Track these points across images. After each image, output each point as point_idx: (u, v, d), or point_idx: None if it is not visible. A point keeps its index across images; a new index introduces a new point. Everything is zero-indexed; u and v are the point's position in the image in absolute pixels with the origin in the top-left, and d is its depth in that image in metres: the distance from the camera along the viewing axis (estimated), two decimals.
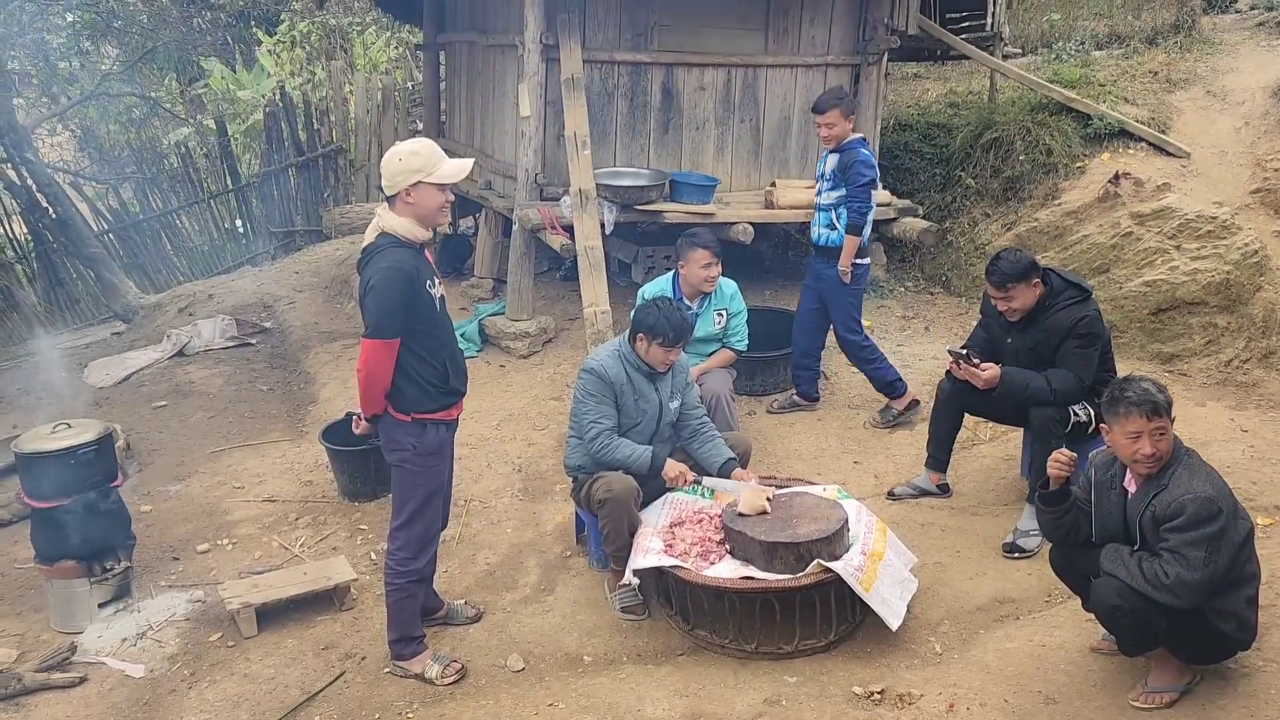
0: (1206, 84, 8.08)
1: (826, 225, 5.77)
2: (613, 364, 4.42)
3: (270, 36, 14.92)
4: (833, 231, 5.73)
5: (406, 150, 3.65)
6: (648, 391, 4.48)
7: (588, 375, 4.42)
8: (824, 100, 5.67)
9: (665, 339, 4.34)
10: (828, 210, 5.77)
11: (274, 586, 4.43)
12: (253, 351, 7.62)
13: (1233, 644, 3.47)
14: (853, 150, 5.66)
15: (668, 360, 4.44)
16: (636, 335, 4.42)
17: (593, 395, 4.39)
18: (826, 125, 5.63)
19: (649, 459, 4.31)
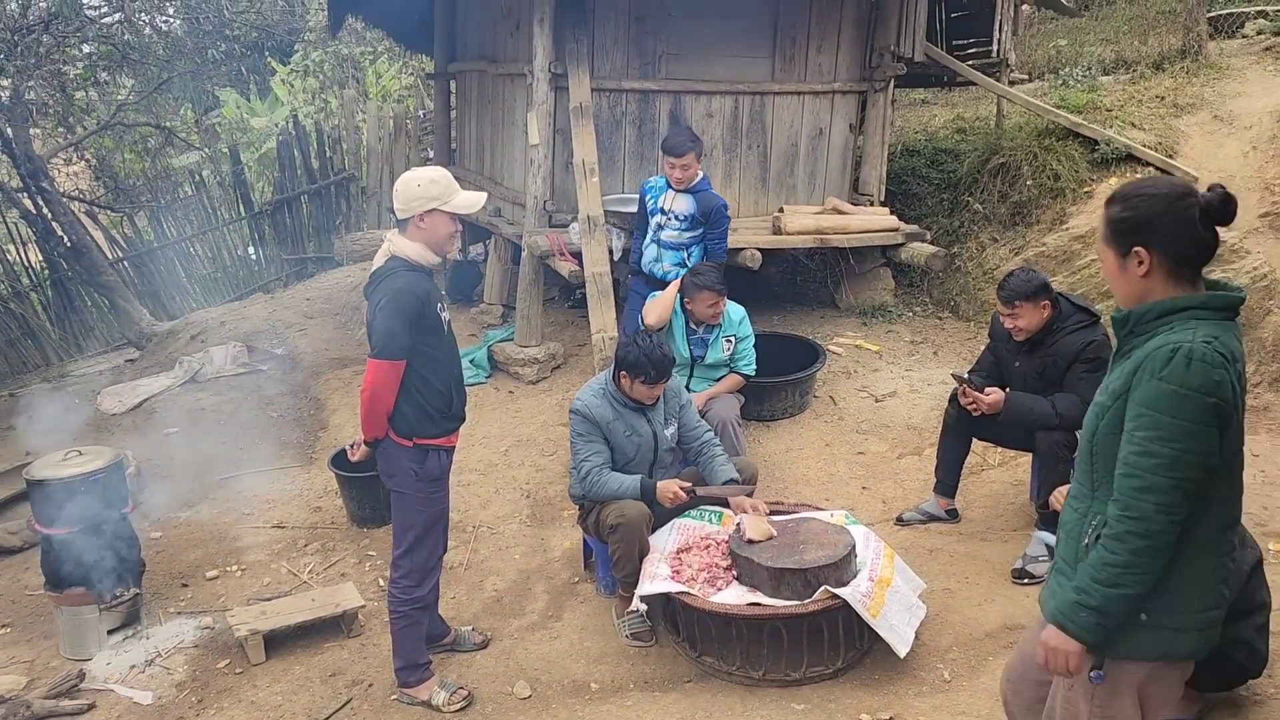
0: (1214, 108, 8.09)
1: (677, 263, 5.76)
2: (598, 402, 4.41)
3: (284, 66, 15.10)
4: (683, 269, 5.68)
5: (425, 177, 3.69)
6: (639, 425, 4.47)
7: (574, 416, 4.43)
8: (682, 144, 5.59)
9: (647, 377, 4.32)
10: (679, 249, 5.77)
11: (282, 613, 4.44)
12: (264, 378, 7.66)
13: (1243, 672, 3.44)
14: (710, 194, 5.76)
15: (653, 395, 4.42)
16: (619, 373, 4.41)
17: (581, 435, 4.40)
18: (683, 167, 5.59)
19: (639, 488, 4.31)
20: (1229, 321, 2.25)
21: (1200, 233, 2.21)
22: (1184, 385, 2.12)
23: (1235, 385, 2.16)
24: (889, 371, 6.75)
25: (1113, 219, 2.30)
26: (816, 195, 7.75)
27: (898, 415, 6.19)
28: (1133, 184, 2.34)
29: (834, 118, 7.68)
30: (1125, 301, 2.31)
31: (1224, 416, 2.14)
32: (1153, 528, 2.16)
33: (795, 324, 7.53)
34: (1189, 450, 2.13)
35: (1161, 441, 2.13)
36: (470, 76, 8.80)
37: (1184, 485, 2.14)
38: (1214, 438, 2.14)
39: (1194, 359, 2.12)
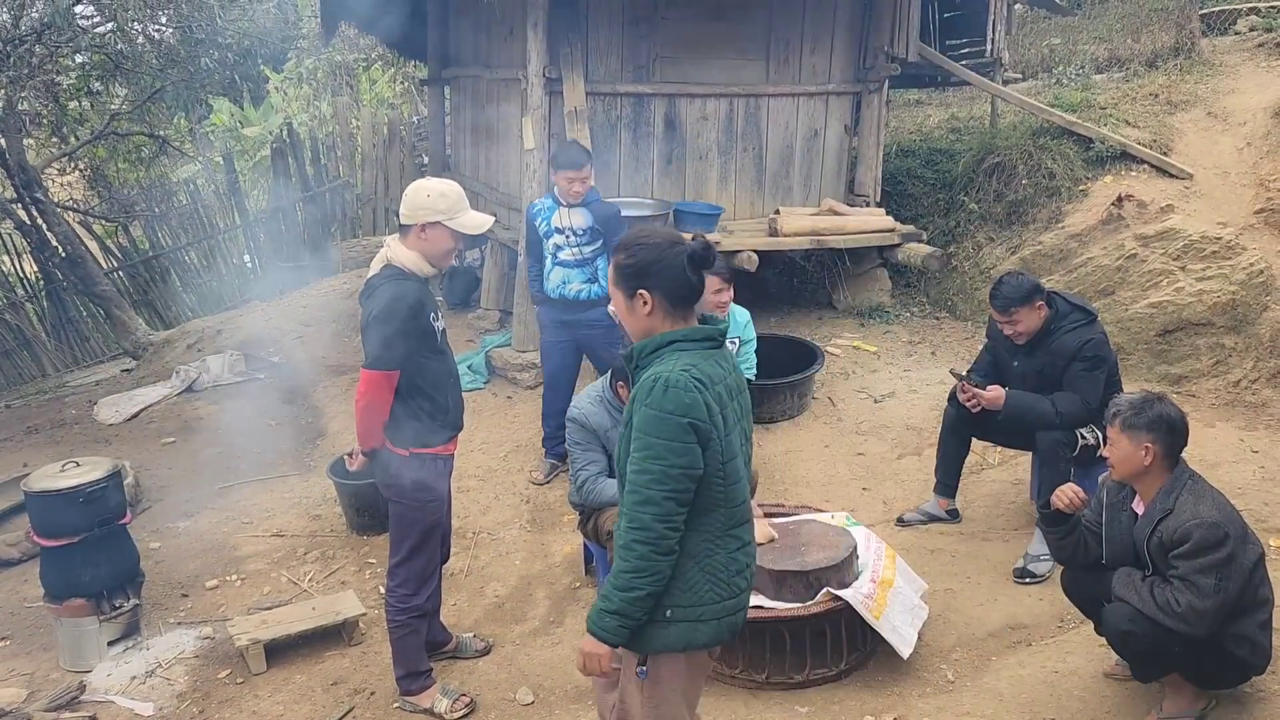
0: (1207, 105, 8.10)
1: (586, 280, 5.53)
2: (595, 410, 4.39)
3: (278, 74, 15.08)
4: (593, 285, 5.53)
5: (436, 189, 3.66)
6: None
7: (571, 424, 4.42)
8: (579, 157, 5.44)
9: None
10: (584, 265, 5.52)
11: (282, 622, 4.42)
12: (261, 386, 7.64)
13: (1247, 668, 3.43)
14: (604, 203, 5.65)
15: None
16: (617, 382, 4.38)
17: (578, 444, 4.39)
18: (582, 180, 5.39)
19: None
20: (712, 349, 2.57)
21: (689, 276, 2.55)
22: (662, 409, 2.42)
23: (711, 405, 2.46)
24: (887, 372, 6.75)
25: (619, 265, 2.60)
26: (812, 197, 7.75)
27: (897, 416, 6.18)
28: (634, 233, 2.68)
29: (829, 119, 7.69)
30: (635, 337, 2.63)
31: (702, 433, 2.44)
32: (652, 535, 2.43)
33: (793, 325, 7.53)
34: (674, 465, 2.42)
35: (651, 459, 2.42)
36: (465, 82, 8.80)
37: (675, 496, 2.43)
38: (695, 452, 2.43)
39: (670, 386, 2.42)
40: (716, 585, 2.57)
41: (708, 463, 2.47)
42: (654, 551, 2.44)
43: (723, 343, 2.62)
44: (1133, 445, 3.40)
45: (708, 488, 2.49)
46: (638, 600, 2.48)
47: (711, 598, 2.56)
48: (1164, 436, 3.38)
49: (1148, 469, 3.41)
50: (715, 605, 2.57)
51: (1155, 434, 3.37)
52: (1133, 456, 3.40)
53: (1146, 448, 3.37)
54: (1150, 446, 3.37)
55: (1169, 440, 3.39)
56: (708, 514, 2.52)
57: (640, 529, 2.44)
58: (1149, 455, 3.38)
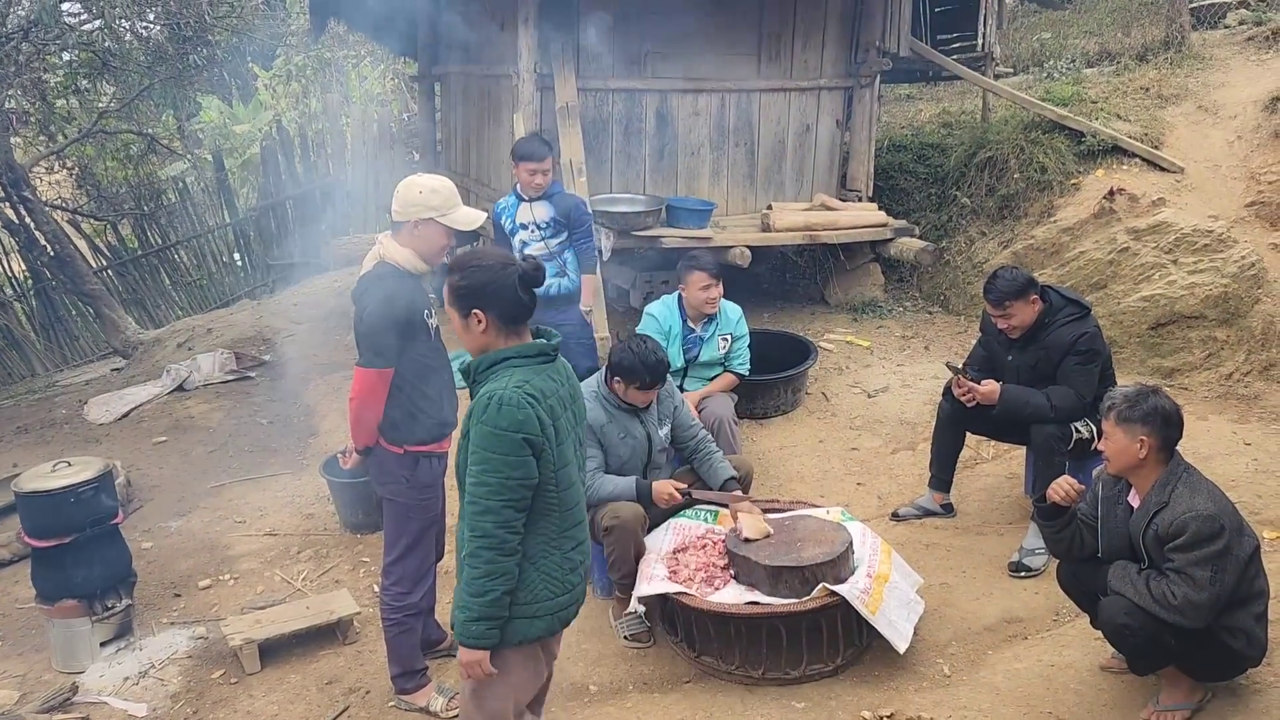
0: (1198, 99, 8.11)
1: (555, 274, 5.44)
2: (591, 406, 4.36)
3: (266, 71, 15.01)
4: (563, 279, 5.48)
5: (428, 185, 3.64)
6: (633, 427, 4.44)
7: None
8: (540, 148, 5.38)
9: (642, 383, 4.30)
10: (551, 259, 5.43)
11: (276, 621, 4.40)
12: (252, 385, 7.61)
13: (1243, 660, 3.44)
14: (566, 195, 5.59)
15: (647, 400, 4.40)
16: (613, 377, 4.37)
17: None
18: (543, 172, 5.33)
19: (634, 489, 4.29)
20: (544, 364, 2.73)
21: (520, 296, 2.70)
22: (496, 426, 2.57)
23: (543, 418, 2.62)
24: (880, 367, 6.74)
25: (453, 287, 2.72)
26: (804, 192, 7.74)
27: (890, 410, 6.18)
28: (466, 255, 2.79)
29: (820, 114, 7.68)
30: (474, 354, 2.76)
31: (535, 446, 2.61)
32: (496, 541, 2.59)
33: (786, 321, 7.52)
34: (510, 477, 2.58)
35: (489, 473, 2.58)
36: (455, 78, 8.77)
37: (513, 504, 2.60)
38: (529, 464, 2.60)
39: (504, 404, 2.57)
40: (551, 584, 2.75)
41: (541, 471, 2.64)
42: (500, 555, 2.61)
43: (555, 357, 2.78)
44: (1128, 438, 3.40)
45: (542, 495, 2.67)
46: (496, 601, 2.64)
47: (546, 595, 2.74)
48: (1159, 429, 3.38)
49: (1143, 462, 3.41)
50: (549, 602, 2.75)
51: (1150, 427, 3.37)
52: (1128, 449, 3.41)
53: (1142, 440, 3.37)
54: (1145, 439, 3.37)
55: (1164, 433, 3.39)
56: (543, 519, 2.70)
57: (484, 537, 2.59)
58: (1144, 448, 3.38)
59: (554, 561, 2.75)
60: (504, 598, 2.65)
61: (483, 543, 2.60)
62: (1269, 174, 7.17)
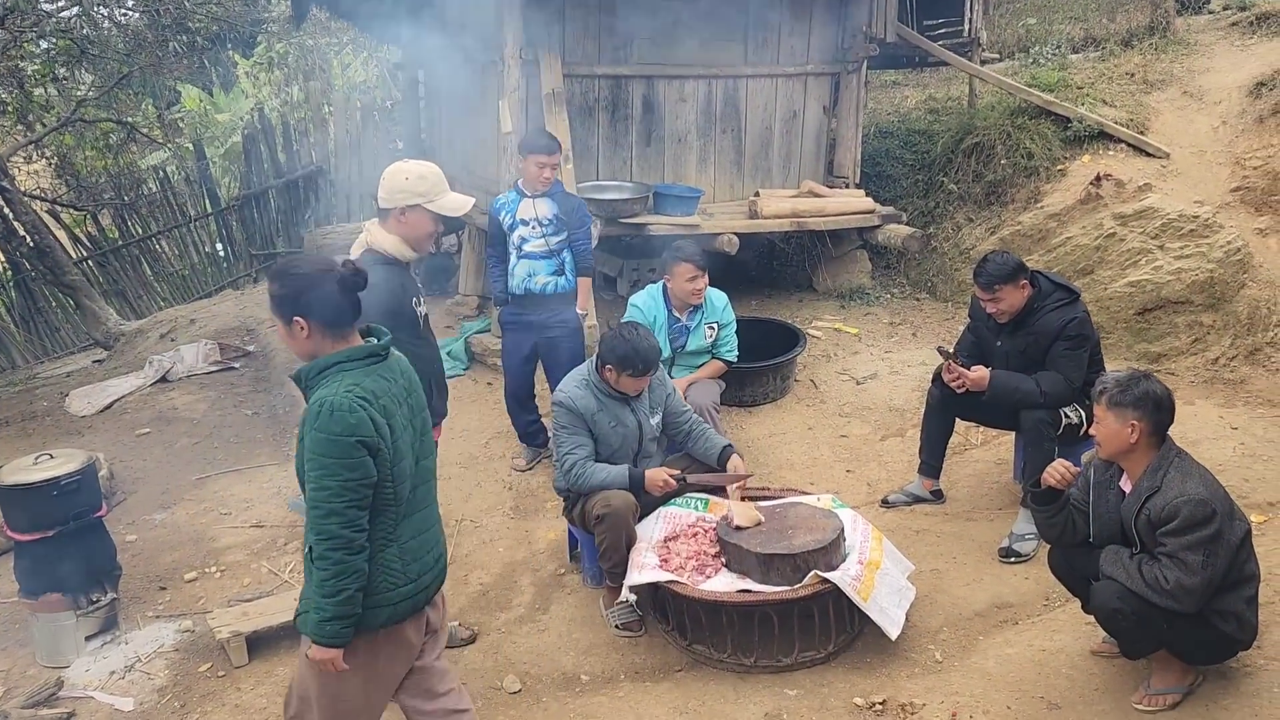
0: (1183, 84, 8.12)
1: (553, 272, 5.35)
2: (582, 394, 4.35)
3: (247, 59, 14.86)
4: (560, 278, 5.37)
5: (415, 171, 3.60)
6: (624, 415, 4.42)
7: (557, 408, 4.37)
8: (550, 142, 5.31)
9: (635, 370, 4.27)
10: (551, 257, 5.34)
11: (264, 614, 4.36)
12: (236, 375, 7.55)
13: (1234, 644, 3.45)
14: (569, 194, 5.51)
15: (639, 387, 4.38)
16: (605, 365, 4.33)
17: (564, 428, 4.34)
18: (552, 166, 5.25)
19: (627, 478, 4.27)
20: (375, 364, 2.77)
21: (340, 300, 2.72)
22: (329, 431, 2.60)
23: (376, 419, 2.66)
24: (869, 354, 6.74)
25: (273, 295, 2.75)
26: (792, 178, 7.72)
27: (879, 397, 6.18)
28: (284, 263, 2.81)
29: (808, 100, 7.66)
30: (302, 359, 2.79)
31: (370, 446, 2.64)
32: (342, 541, 2.63)
33: (773, 308, 7.51)
34: (349, 479, 2.62)
35: (327, 477, 2.61)
36: (439, 65, 8.68)
37: (355, 503, 2.64)
38: (366, 464, 2.64)
39: (335, 410, 2.61)
40: (390, 575, 2.78)
41: (378, 469, 2.68)
42: (348, 554, 2.64)
43: (387, 355, 2.83)
44: (1119, 423, 3.40)
45: (379, 491, 2.71)
46: (348, 599, 2.67)
47: (385, 586, 2.77)
48: (1150, 414, 3.37)
49: (1134, 446, 3.41)
50: (389, 593, 2.78)
51: (1142, 411, 3.37)
52: (1119, 434, 3.40)
53: (1133, 425, 3.37)
54: (1136, 424, 3.37)
55: (1155, 418, 3.39)
56: (379, 514, 2.74)
57: (330, 538, 2.63)
58: (1135, 433, 3.38)
59: (391, 554, 2.79)
60: (357, 595, 2.69)
61: (330, 544, 2.63)
62: (1253, 159, 7.19)
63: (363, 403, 2.65)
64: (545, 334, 5.42)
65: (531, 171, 5.27)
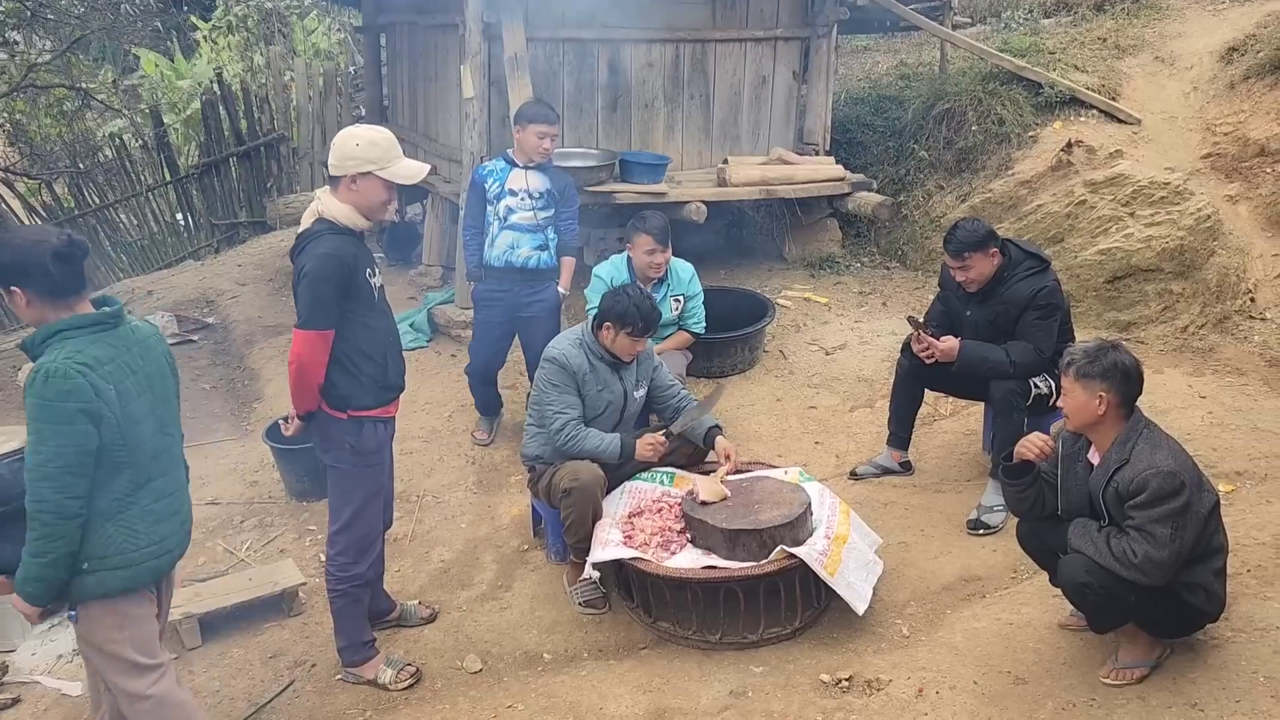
0: (1155, 49, 8.06)
1: (537, 247, 5.21)
2: (575, 352, 4.27)
3: (205, 22, 14.49)
4: (543, 253, 5.24)
5: (365, 137, 3.46)
6: (611, 381, 4.34)
7: (549, 364, 4.27)
8: (552, 111, 5.24)
9: (635, 329, 4.19)
10: (537, 231, 5.21)
11: (218, 594, 4.24)
12: (194, 349, 7.36)
13: (1202, 616, 3.41)
14: (560, 170, 5.39)
15: (634, 350, 4.29)
16: (603, 323, 4.25)
17: (555, 385, 4.24)
18: (552, 137, 5.14)
19: (618, 448, 4.19)
20: (102, 332, 2.81)
21: (57, 269, 2.73)
22: (44, 397, 2.66)
23: (99, 384, 2.72)
24: (838, 324, 6.67)
25: None
26: (761, 145, 7.60)
27: (848, 368, 6.11)
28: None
29: (777, 65, 7.52)
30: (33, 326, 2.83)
31: (92, 413, 2.70)
32: (53, 505, 2.69)
33: (742, 278, 7.41)
34: (64, 445, 2.67)
35: (43, 442, 2.68)
36: (400, 29, 8.48)
37: (70, 470, 2.69)
38: (84, 431, 2.69)
39: (50, 376, 2.67)
40: (133, 537, 2.86)
41: (104, 435, 2.73)
42: (58, 519, 2.70)
43: (117, 324, 2.85)
44: (1087, 394, 3.33)
45: (109, 455, 2.76)
46: (53, 563, 2.74)
47: (128, 548, 2.85)
48: (1118, 385, 3.31)
49: (1102, 418, 3.35)
50: (133, 554, 2.86)
51: (1110, 382, 3.31)
52: (1087, 406, 3.34)
53: (1100, 397, 3.31)
54: (1104, 395, 3.31)
55: (1124, 389, 3.32)
56: (114, 476, 2.80)
57: (42, 502, 2.69)
58: (1103, 404, 3.32)
59: (133, 515, 2.86)
60: (63, 560, 2.75)
61: (42, 508, 2.69)
62: (1224, 125, 7.15)
63: (82, 369, 2.69)
64: (523, 313, 5.29)
65: (531, 142, 5.12)
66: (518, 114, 5.30)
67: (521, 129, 5.15)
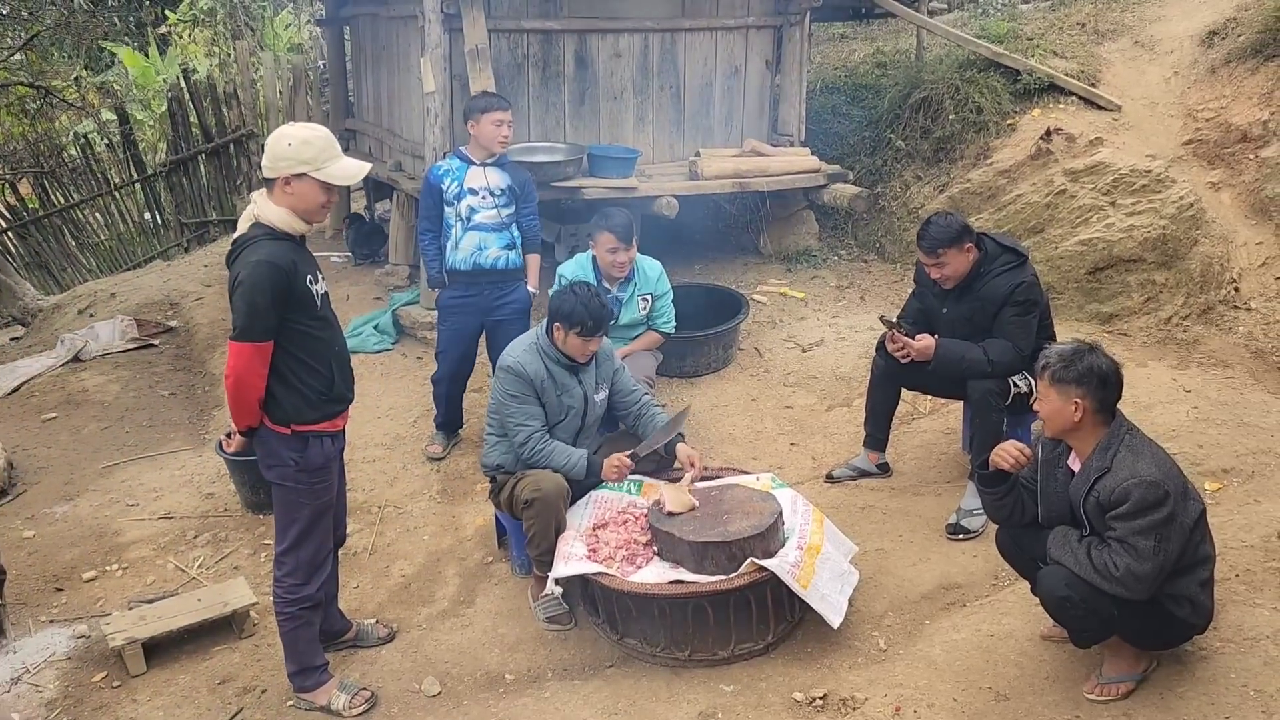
0: (1134, 34, 7.91)
1: (505, 246, 5.05)
2: (530, 359, 4.11)
3: (172, 13, 14.18)
4: (512, 251, 5.08)
5: (298, 136, 3.26)
6: (570, 385, 4.17)
7: (505, 374, 4.10)
8: (503, 99, 5.10)
9: (583, 328, 4.03)
10: (502, 229, 5.04)
11: (164, 617, 4.05)
12: (155, 354, 7.15)
13: (1188, 628, 3.26)
14: (516, 165, 5.21)
15: (587, 350, 4.13)
16: (553, 325, 4.11)
17: (514, 396, 4.07)
18: (509, 123, 4.97)
19: (585, 466, 4.02)
20: None
21: None
22: None
23: None
24: (815, 319, 6.50)
25: None
26: (734, 137, 7.41)
27: (825, 365, 5.94)
28: None
29: (749, 55, 7.33)
30: None
31: None
32: None
33: (717, 273, 7.23)
34: None
35: None
36: (363, 21, 8.25)
37: None
38: None
39: None
40: None
41: None
42: None
43: None
44: (1062, 400, 3.18)
45: None
46: None
47: None
48: (1094, 391, 3.15)
49: (1079, 425, 3.19)
50: None
51: (1085, 388, 3.15)
52: (1062, 411, 3.19)
53: (1076, 403, 3.15)
54: (1080, 401, 3.15)
55: (1100, 395, 3.16)
56: None
57: None
58: (1079, 410, 3.16)
59: None
60: None
61: None
62: (1206, 110, 7.00)
63: None
64: (493, 316, 5.11)
65: (489, 132, 4.92)
66: (468, 107, 5.09)
67: (476, 121, 4.95)
